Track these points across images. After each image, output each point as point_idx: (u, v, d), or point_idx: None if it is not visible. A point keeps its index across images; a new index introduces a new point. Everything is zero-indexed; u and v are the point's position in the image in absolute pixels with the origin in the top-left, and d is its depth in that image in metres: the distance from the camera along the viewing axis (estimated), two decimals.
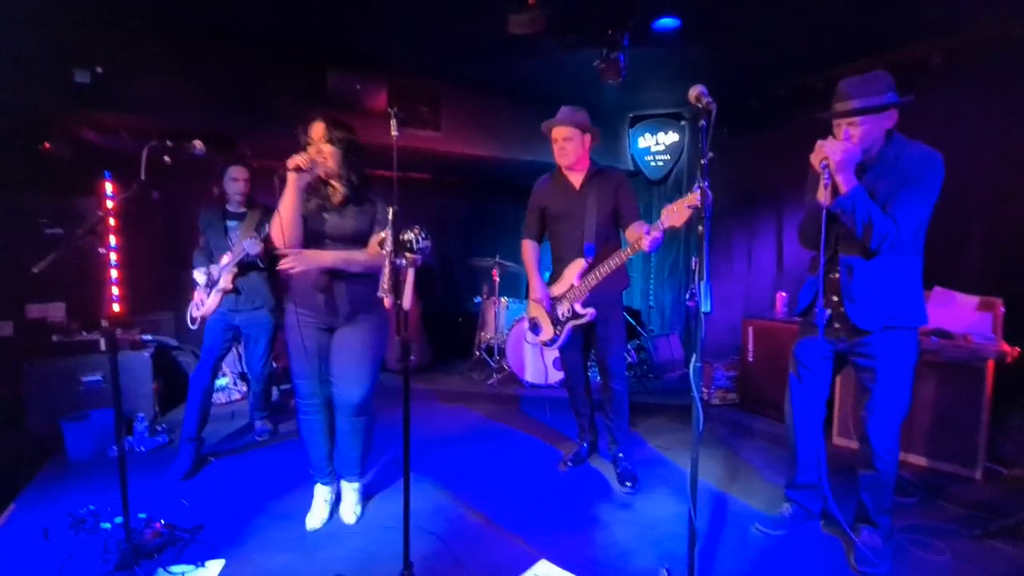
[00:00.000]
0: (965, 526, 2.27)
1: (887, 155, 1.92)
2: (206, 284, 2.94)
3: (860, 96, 1.86)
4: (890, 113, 1.87)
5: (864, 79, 1.89)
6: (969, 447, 2.70)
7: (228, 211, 3.02)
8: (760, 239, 4.62)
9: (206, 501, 2.52)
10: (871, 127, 1.87)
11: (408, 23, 3.27)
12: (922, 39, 3.29)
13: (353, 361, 2.24)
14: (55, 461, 2.99)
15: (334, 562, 2.05)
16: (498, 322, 4.71)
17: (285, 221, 2.07)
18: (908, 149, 1.91)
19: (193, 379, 2.87)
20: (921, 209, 1.87)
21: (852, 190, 1.84)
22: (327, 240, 2.20)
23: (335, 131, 2.16)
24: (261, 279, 3.03)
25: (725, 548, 2.16)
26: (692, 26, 3.22)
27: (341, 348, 2.25)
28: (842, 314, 2.01)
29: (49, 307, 3.67)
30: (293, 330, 2.24)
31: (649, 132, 5.26)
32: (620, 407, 2.77)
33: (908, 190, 1.85)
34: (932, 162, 1.87)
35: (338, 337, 2.26)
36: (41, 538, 2.18)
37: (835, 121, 1.94)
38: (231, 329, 3.00)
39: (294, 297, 2.24)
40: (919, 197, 1.86)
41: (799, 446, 2.26)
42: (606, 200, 2.63)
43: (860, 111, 1.85)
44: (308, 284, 2.19)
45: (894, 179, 1.88)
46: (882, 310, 1.94)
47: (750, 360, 3.82)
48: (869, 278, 1.95)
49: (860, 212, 1.84)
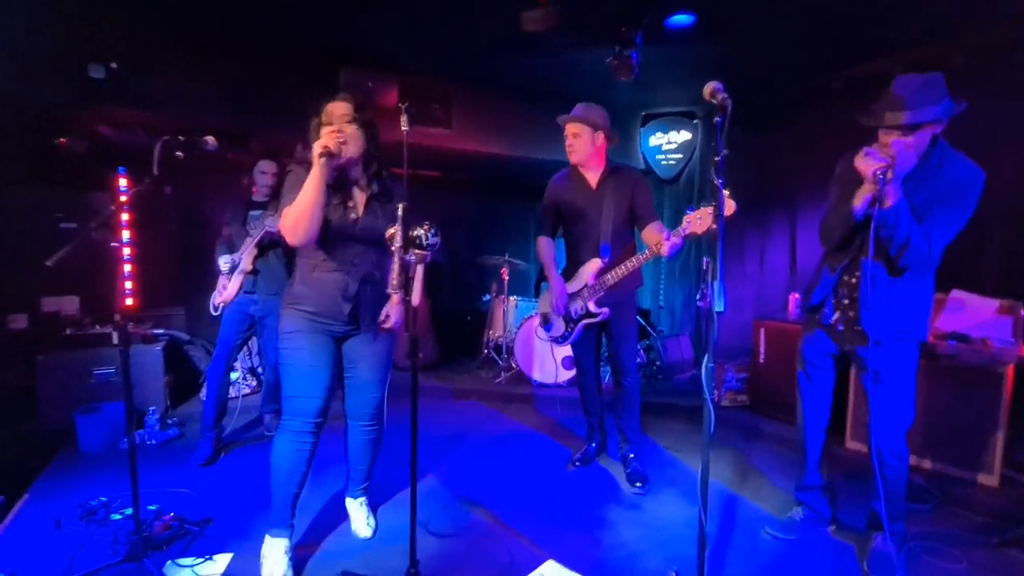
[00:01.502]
0: (982, 534, 2.22)
1: (930, 162, 1.82)
2: (229, 270, 2.97)
3: (917, 106, 1.71)
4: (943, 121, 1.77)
5: (923, 83, 1.74)
6: (986, 453, 2.64)
7: (253, 202, 3.08)
8: (773, 240, 4.56)
9: (215, 495, 2.54)
10: (924, 136, 1.77)
11: (420, 21, 3.27)
12: (942, 38, 3.23)
13: (376, 367, 2.08)
14: (68, 453, 3.03)
15: (340, 557, 2.05)
16: (507, 320, 4.70)
17: (307, 213, 1.76)
18: (952, 160, 1.81)
19: (208, 371, 2.98)
20: (955, 229, 1.80)
21: (897, 203, 1.73)
22: (354, 242, 1.95)
23: (361, 112, 1.91)
24: (280, 263, 3.04)
25: (735, 552, 2.13)
26: (707, 23, 3.18)
27: (363, 355, 2.06)
28: (852, 318, 1.98)
29: (63, 300, 3.71)
30: (299, 339, 1.92)
31: (661, 131, 5.22)
32: (632, 405, 2.75)
33: (947, 209, 1.77)
34: (975, 181, 1.78)
35: (355, 344, 2.05)
36: (53, 528, 2.21)
37: (884, 139, 1.81)
38: (247, 319, 3.01)
39: (302, 301, 1.94)
40: (957, 217, 1.78)
41: (809, 446, 2.23)
42: (623, 199, 2.61)
43: (918, 126, 1.72)
44: (330, 289, 1.93)
45: (933, 192, 1.79)
46: (894, 322, 1.91)
47: (761, 362, 3.77)
48: (889, 289, 1.91)
49: (902, 228, 1.74)
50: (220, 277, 3.01)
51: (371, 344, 2.06)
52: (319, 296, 1.93)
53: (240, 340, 3.03)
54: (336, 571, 1.96)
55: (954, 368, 2.71)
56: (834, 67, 3.70)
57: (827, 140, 1.90)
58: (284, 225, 1.82)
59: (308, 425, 1.93)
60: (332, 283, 1.93)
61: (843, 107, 3.81)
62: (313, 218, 1.79)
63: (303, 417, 1.92)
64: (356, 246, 1.95)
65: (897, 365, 1.94)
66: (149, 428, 3.19)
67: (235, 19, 3.28)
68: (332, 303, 1.93)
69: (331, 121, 1.88)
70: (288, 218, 1.80)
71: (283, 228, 1.84)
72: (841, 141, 2.14)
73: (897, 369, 1.94)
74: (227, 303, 2.96)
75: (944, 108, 1.73)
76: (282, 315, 1.97)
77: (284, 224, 1.82)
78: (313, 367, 1.92)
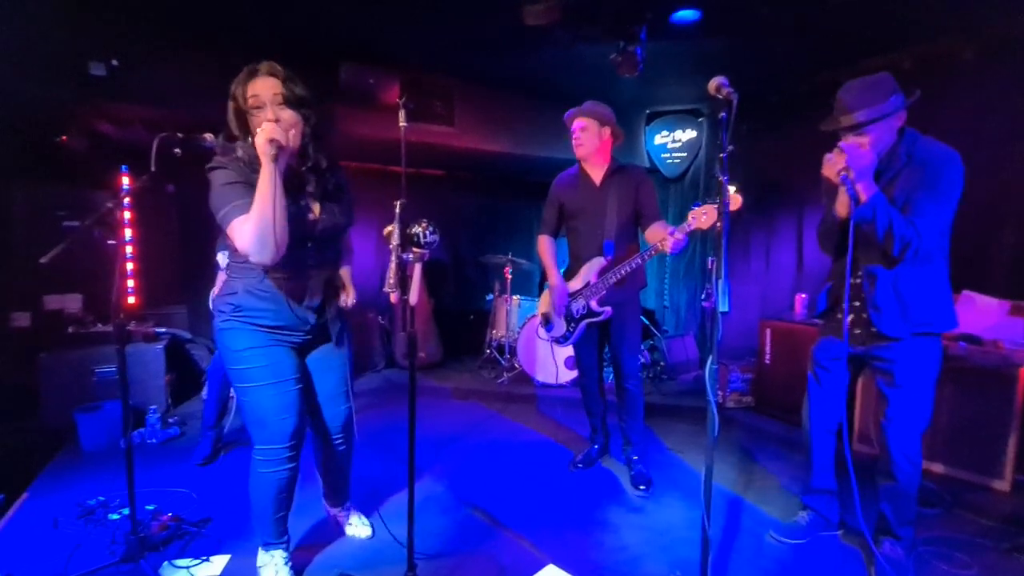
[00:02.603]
0: (992, 539, 2.17)
1: (899, 153, 1.84)
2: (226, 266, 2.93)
3: (862, 107, 1.79)
4: (899, 113, 1.81)
5: (863, 87, 1.82)
6: (997, 457, 2.58)
7: None
8: (779, 239, 4.51)
9: (214, 495, 2.52)
10: (880, 133, 1.81)
11: (422, 15, 3.24)
12: (952, 33, 3.17)
13: (344, 377, 1.91)
14: (68, 451, 3.02)
15: (339, 559, 2.03)
16: (510, 320, 4.67)
17: (273, 224, 1.47)
18: (922, 146, 1.83)
19: (210, 370, 2.97)
20: (943, 212, 1.78)
21: (871, 198, 1.77)
22: (310, 243, 1.71)
23: (295, 88, 1.59)
24: None
25: (739, 556, 2.09)
26: (712, 18, 3.13)
27: (330, 365, 1.87)
28: (865, 320, 1.94)
29: (66, 299, 3.72)
30: (256, 356, 1.65)
31: (666, 129, 5.17)
32: (635, 408, 2.71)
33: (926, 194, 1.77)
34: (949, 162, 1.78)
35: (321, 354, 1.86)
36: (51, 527, 2.20)
37: (841, 133, 1.87)
38: None
39: (255, 314, 1.66)
40: (939, 200, 1.77)
41: (815, 449, 2.19)
42: (627, 198, 2.58)
43: (864, 124, 1.79)
44: (289, 299, 1.69)
45: (910, 181, 1.81)
46: (909, 318, 1.87)
47: (767, 362, 3.72)
48: (893, 286, 1.88)
49: (880, 220, 1.76)
50: (219, 272, 2.95)
51: (336, 354, 1.88)
52: (276, 307, 1.68)
53: None
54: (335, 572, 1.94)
55: (965, 370, 2.65)
56: (841, 63, 3.64)
57: (834, 137, 1.87)
58: (245, 243, 1.50)
59: (284, 452, 1.71)
60: (290, 292, 1.69)
61: None
62: (282, 228, 1.50)
63: (278, 443, 1.69)
64: (310, 248, 1.71)
65: (916, 364, 1.89)
66: (150, 427, 3.18)
67: (236, 14, 3.26)
68: (292, 314, 1.70)
69: (260, 104, 1.56)
70: (249, 235, 1.48)
71: (245, 246, 1.51)
72: None
73: (916, 368, 1.89)
74: None
75: (892, 103, 1.78)
76: (227, 331, 1.67)
77: (245, 241, 1.50)
78: (278, 384, 1.67)
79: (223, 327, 1.69)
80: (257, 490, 1.76)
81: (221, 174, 1.58)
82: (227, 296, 1.71)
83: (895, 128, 1.83)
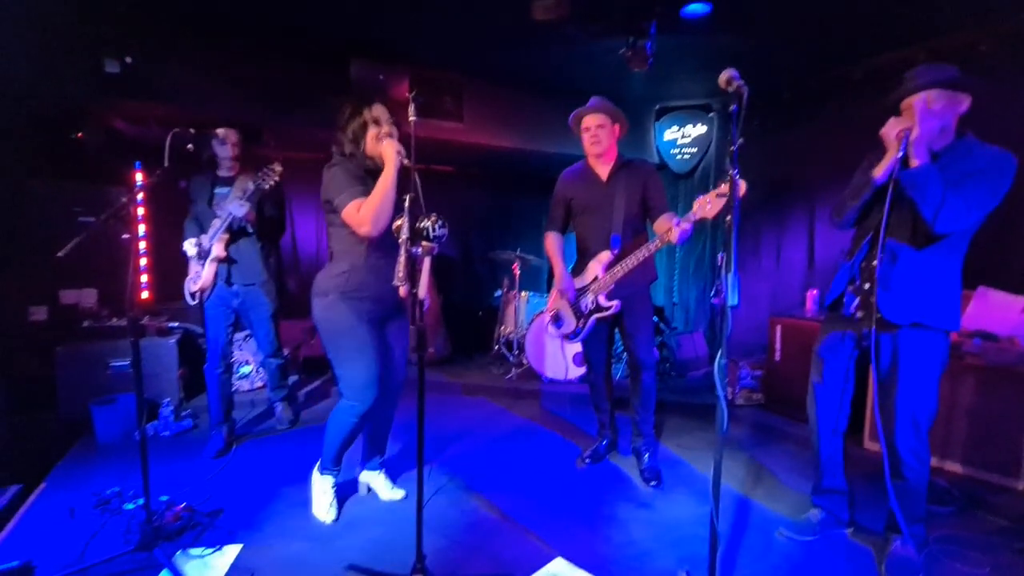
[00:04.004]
0: (1007, 539, 2.15)
1: (959, 149, 1.83)
2: (198, 256, 2.86)
3: (929, 72, 1.81)
4: (963, 97, 1.80)
5: (930, 66, 1.84)
6: (1012, 456, 2.55)
7: (218, 177, 2.90)
8: (790, 235, 4.46)
9: (226, 487, 2.56)
10: (944, 106, 1.80)
11: (432, 13, 3.24)
12: (969, 25, 3.11)
13: (406, 347, 2.33)
14: (84, 443, 3.08)
15: (348, 551, 2.05)
16: (518, 316, 4.67)
17: (388, 208, 1.96)
18: (980, 146, 1.83)
19: (206, 371, 2.94)
20: (988, 200, 1.76)
21: (925, 165, 1.75)
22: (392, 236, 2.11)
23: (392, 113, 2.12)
24: (253, 249, 2.92)
25: (747, 552, 2.08)
26: (723, 12, 3.10)
27: (401, 336, 2.31)
28: (871, 303, 1.90)
29: (82, 293, 3.77)
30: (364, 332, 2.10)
31: (676, 124, 5.13)
32: (648, 400, 2.71)
33: (978, 183, 1.75)
34: (1007, 160, 1.78)
35: (394, 326, 2.28)
36: (68, 517, 2.24)
37: (906, 103, 1.86)
38: (231, 313, 2.97)
39: (363, 289, 2.10)
40: (986, 188, 1.75)
41: (823, 449, 2.17)
42: (634, 192, 2.57)
43: (931, 84, 1.79)
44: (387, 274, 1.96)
45: (962, 170, 1.78)
46: (914, 304, 1.84)
47: (777, 360, 3.70)
48: (912, 268, 1.85)
49: (932, 186, 1.73)
50: (190, 262, 2.91)
51: (403, 326, 2.31)
52: (377, 281, 2.09)
53: (230, 335, 2.99)
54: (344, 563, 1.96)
55: (979, 367, 2.62)
56: (855, 57, 3.59)
57: (848, 132, 1.86)
58: (363, 219, 1.98)
59: (366, 406, 2.15)
60: (388, 268, 1.98)
61: (865, 98, 3.71)
62: (391, 212, 1.97)
63: (367, 401, 2.14)
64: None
65: (919, 356, 1.87)
66: (163, 420, 3.23)
67: (248, 12, 3.28)
68: (387, 287, 2.02)
69: (380, 122, 2.07)
70: (368, 212, 1.97)
71: (360, 221, 1.98)
72: (862, 134, 2.07)
73: (919, 360, 1.87)
74: (205, 291, 2.87)
75: (956, 74, 1.80)
76: (335, 307, 2.09)
77: (363, 218, 1.98)
78: (376, 355, 2.13)
79: (330, 303, 2.09)
80: (335, 427, 2.21)
81: (342, 169, 2.06)
82: (337, 274, 2.11)
83: (958, 113, 1.82)
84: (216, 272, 2.85)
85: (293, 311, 4.62)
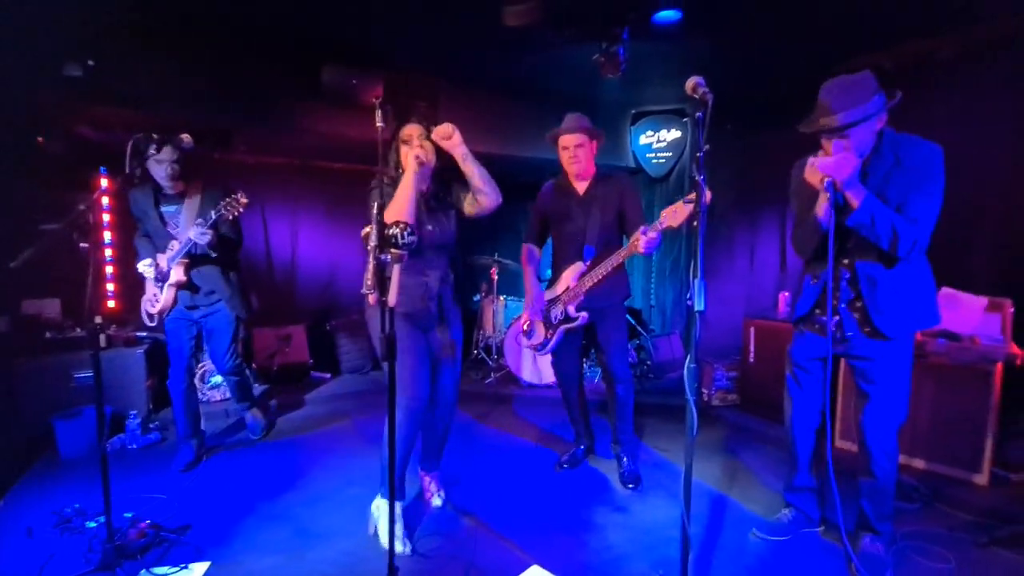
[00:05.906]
0: (971, 533, 2.20)
1: (884, 153, 1.82)
2: (155, 278, 2.76)
3: (844, 108, 1.74)
4: (880, 115, 1.78)
5: (845, 86, 1.77)
6: (975, 451, 2.62)
7: (164, 195, 2.74)
8: (763, 238, 4.54)
9: (195, 501, 2.49)
10: (862, 135, 1.78)
11: (405, 17, 3.22)
12: (934, 33, 3.20)
13: (454, 356, 2.35)
14: (46, 459, 2.97)
15: (321, 564, 2.01)
16: (496, 321, 4.67)
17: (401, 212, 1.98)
18: (906, 146, 1.82)
19: (170, 385, 2.86)
20: (933, 206, 1.79)
21: (864, 203, 1.75)
22: (429, 248, 2.18)
23: (427, 127, 2.18)
24: (216, 270, 2.82)
25: (722, 554, 2.10)
26: (694, 18, 3.15)
27: (444, 345, 2.32)
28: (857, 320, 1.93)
29: (44, 303, 3.65)
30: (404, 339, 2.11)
31: (651, 129, 5.19)
32: (624, 412, 2.71)
33: (921, 192, 1.77)
34: (936, 157, 1.79)
35: (436, 336, 2.30)
36: (25, 537, 2.15)
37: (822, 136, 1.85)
38: (193, 326, 2.88)
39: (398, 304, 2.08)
40: (933, 198, 1.78)
41: (798, 449, 2.21)
42: (610, 206, 2.59)
43: (847, 126, 1.75)
44: (418, 292, 2.18)
45: (902, 182, 1.79)
46: (909, 317, 1.88)
47: (751, 361, 3.75)
48: (893, 286, 1.87)
49: (881, 225, 1.75)
50: (146, 283, 2.80)
51: (446, 336, 2.31)
52: (409, 299, 2.16)
53: (193, 348, 2.90)
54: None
55: (943, 366, 2.69)
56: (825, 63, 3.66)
57: (818, 138, 1.88)
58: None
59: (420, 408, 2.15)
60: (417, 287, 2.18)
61: None
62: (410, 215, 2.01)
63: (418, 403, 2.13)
64: (429, 251, 2.20)
65: (895, 361, 1.91)
66: (130, 432, 3.14)
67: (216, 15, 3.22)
68: (420, 304, 2.19)
69: (409, 141, 2.18)
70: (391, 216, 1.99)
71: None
72: None
73: (895, 365, 1.91)
74: (163, 313, 2.79)
75: (875, 103, 1.74)
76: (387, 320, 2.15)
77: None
78: (424, 358, 2.19)
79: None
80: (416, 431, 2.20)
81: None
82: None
83: (875, 130, 1.80)
84: (176, 295, 2.77)
85: (267, 319, 4.54)
